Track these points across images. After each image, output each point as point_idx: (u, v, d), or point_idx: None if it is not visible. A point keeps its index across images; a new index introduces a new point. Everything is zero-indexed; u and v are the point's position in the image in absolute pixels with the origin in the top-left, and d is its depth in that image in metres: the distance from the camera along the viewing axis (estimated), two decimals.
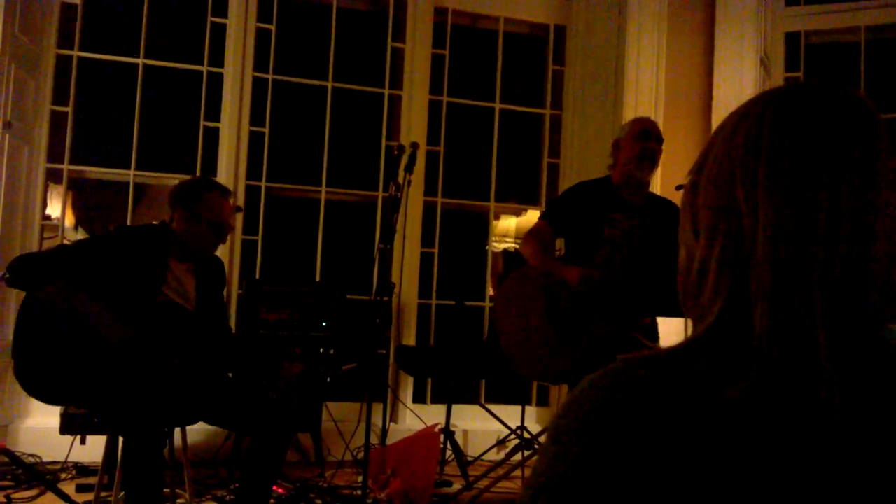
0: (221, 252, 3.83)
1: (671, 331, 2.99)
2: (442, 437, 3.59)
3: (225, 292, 3.79)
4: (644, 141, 2.83)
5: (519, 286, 2.83)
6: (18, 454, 3.27)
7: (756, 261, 0.62)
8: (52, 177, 3.87)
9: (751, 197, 0.64)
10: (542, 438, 3.50)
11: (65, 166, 3.84)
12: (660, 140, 2.88)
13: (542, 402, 4.36)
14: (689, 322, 0.70)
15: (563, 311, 2.72)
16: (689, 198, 0.71)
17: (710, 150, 0.69)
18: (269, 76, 4.10)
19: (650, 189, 3.02)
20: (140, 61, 3.94)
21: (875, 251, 0.62)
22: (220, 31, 4.05)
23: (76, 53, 3.87)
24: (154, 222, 2.66)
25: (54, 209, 3.91)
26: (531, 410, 4.23)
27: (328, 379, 2.62)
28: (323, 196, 4.16)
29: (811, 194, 0.61)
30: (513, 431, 3.74)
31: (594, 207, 2.84)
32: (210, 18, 4.02)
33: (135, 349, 2.30)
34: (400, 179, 2.90)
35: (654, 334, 2.91)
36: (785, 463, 0.57)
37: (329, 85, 4.19)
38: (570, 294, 2.71)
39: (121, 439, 2.27)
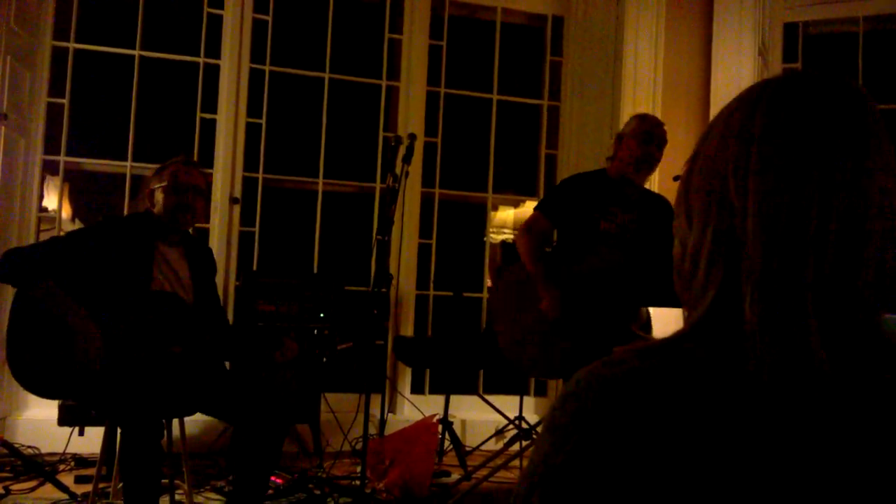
0: (218, 244, 3.85)
1: (667, 323, 2.99)
2: (440, 428, 3.60)
3: (223, 284, 3.81)
4: (646, 145, 2.81)
5: (516, 281, 2.83)
6: (17, 446, 3.28)
7: (747, 249, 0.62)
8: (49, 169, 3.86)
9: (742, 184, 0.63)
10: (539, 428, 3.50)
11: (61, 158, 3.83)
12: (662, 143, 2.85)
13: (540, 392, 4.37)
14: (684, 312, 0.70)
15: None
16: (684, 186, 0.71)
17: (706, 138, 0.70)
18: (266, 67, 4.08)
19: (646, 185, 3.03)
20: (136, 53, 3.92)
21: (868, 237, 0.61)
22: (216, 22, 4.02)
23: (72, 45, 3.85)
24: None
25: (51, 201, 3.90)
26: (529, 400, 4.23)
27: (324, 359, 2.61)
28: (320, 187, 4.15)
29: (802, 182, 0.61)
30: (511, 421, 3.75)
31: (592, 200, 2.84)
32: (206, 9, 4.00)
33: (107, 363, 2.29)
34: (398, 171, 2.89)
35: (649, 328, 2.92)
36: (781, 451, 0.57)
37: (326, 76, 4.17)
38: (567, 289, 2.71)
39: (119, 431, 2.27)
